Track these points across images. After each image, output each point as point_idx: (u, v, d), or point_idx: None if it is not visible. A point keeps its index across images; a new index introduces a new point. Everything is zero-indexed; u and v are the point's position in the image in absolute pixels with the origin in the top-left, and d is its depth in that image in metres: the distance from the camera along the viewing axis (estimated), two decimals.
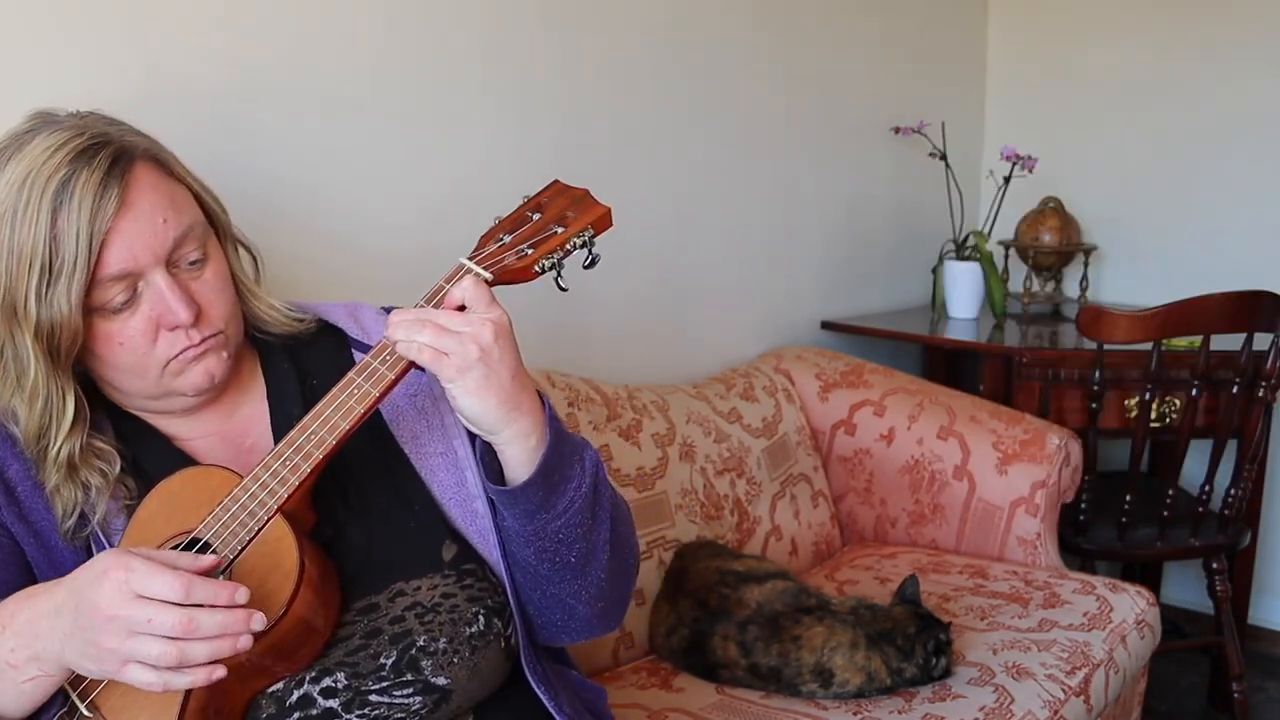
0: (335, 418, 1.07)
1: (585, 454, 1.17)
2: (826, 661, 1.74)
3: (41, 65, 1.44)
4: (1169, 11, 3.07)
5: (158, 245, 1.08)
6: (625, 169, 2.29)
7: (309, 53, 1.72)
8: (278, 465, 1.06)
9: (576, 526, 1.14)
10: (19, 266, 1.03)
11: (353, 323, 1.27)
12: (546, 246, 1.12)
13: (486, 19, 1.98)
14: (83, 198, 1.03)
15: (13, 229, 1.03)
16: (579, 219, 1.14)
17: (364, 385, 1.08)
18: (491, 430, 1.09)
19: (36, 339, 1.04)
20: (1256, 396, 2.43)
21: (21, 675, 0.98)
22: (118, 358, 1.09)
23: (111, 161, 1.05)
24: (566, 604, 1.19)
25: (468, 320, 1.06)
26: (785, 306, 2.76)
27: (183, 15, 1.56)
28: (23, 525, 1.09)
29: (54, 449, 1.07)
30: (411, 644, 1.09)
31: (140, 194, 1.07)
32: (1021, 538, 2.30)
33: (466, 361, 1.05)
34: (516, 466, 1.11)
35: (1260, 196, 2.98)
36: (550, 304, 2.08)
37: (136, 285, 1.08)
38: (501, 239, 1.13)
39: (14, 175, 1.05)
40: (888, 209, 3.04)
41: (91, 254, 1.03)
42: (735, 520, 2.21)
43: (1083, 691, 1.86)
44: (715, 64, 2.46)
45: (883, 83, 2.95)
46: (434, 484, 1.20)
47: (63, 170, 1.03)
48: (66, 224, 1.03)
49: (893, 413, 2.43)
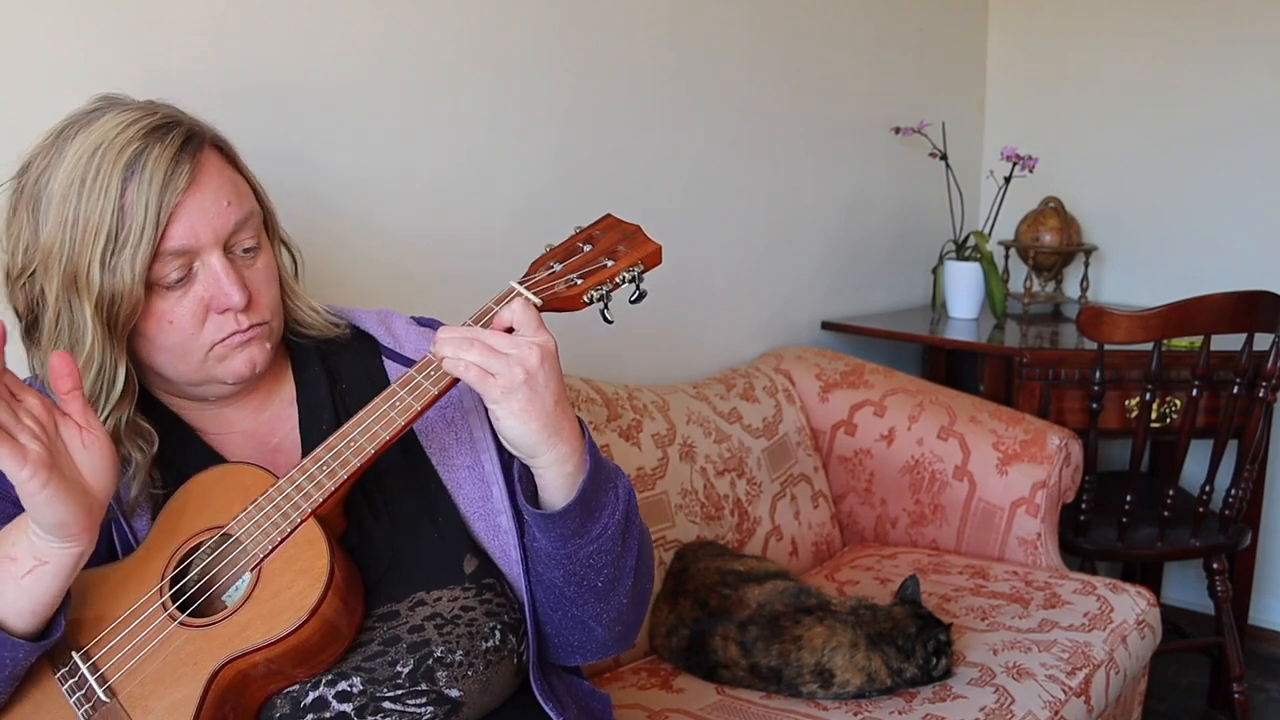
0: (376, 427, 1.08)
1: (619, 482, 1.18)
2: (827, 662, 1.74)
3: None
4: (1169, 12, 3.07)
5: (220, 226, 1.09)
6: (626, 169, 2.29)
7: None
8: (315, 469, 1.07)
9: (608, 553, 1.16)
10: (84, 235, 1.05)
11: (384, 330, 1.28)
12: (596, 278, 1.14)
13: (486, 19, 1.98)
14: (154, 171, 1.05)
15: (80, 197, 1.05)
16: (630, 254, 1.16)
17: (406, 398, 1.09)
18: (531, 454, 1.10)
19: (96, 308, 1.06)
20: (1257, 397, 2.43)
21: (17, 568, 0.97)
22: (165, 337, 1.10)
23: (183, 141, 1.08)
24: (587, 625, 1.20)
25: (515, 343, 1.07)
26: (785, 306, 2.76)
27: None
28: None
29: (103, 416, 1.08)
30: (429, 654, 1.10)
31: (208, 175, 1.09)
32: (1022, 538, 2.30)
33: (512, 383, 1.05)
34: (552, 490, 1.12)
35: (1260, 196, 2.98)
36: None
37: (192, 264, 1.10)
38: (552, 266, 1.15)
39: (84, 146, 1.06)
40: (888, 209, 3.04)
41: (159, 226, 1.05)
42: (735, 520, 2.21)
43: (1083, 692, 1.86)
44: (716, 64, 2.46)
45: (883, 83, 2.95)
46: (459, 497, 1.20)
47: (135, 144, 1.06)
48: (136, 195, 1.05)
49: (893, 413, 2.43)
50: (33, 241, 1.08)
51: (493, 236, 2.02)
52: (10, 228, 1.11)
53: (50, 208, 1.07)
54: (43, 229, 1.07)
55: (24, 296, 1.11)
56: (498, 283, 1.16)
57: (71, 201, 1.05)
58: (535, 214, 2.09)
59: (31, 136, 1.42)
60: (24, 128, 1.42)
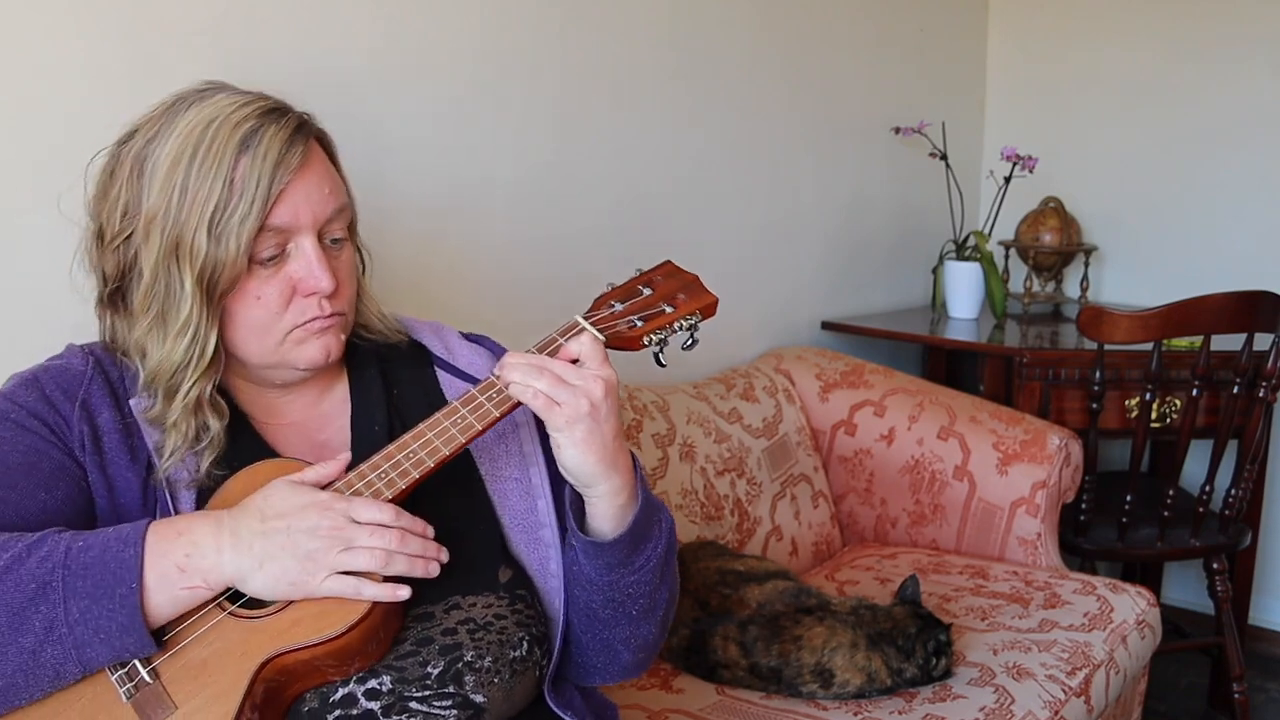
0: (437, 442, 1.10)
1: (663, 515, 1.22)
2: (827, 662, 1.74)
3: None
4: (1169, 12, 3.07)
5: (319, 211, 1.13)
6: (626, 168, 2.29)
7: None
8: (373, 476, 1.09)
9: (647, 583, 1.19)
10: (193, 203, 1.07)
11: (438, 341, 1.30)
12: (655, 323, 1.19)
13: (486, 21, 1.98)
14: (269, 147, 1.09)
15: (192, 166, 1.07)
16: (688, 303, 1.22)
17: (469, 417, 1.12)
18: (587, 483, 1.13)
19: (198, 277, 1.08)
20: (1257, 397, 2.43)
21: (185, 581, 1.00)
22: (250, 314, 1.12)
23: (297, 125, 1.12)
24: (614, 648, 1.23)
25: (582, 375, 1.10)
26: (785, 306, 2.76)
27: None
28: (100, 476, 1.11)
29: (187, 385, 1.10)
30: (459, 658, 1.10)
31: (315, 161, 1.14)
32: (1022, 538, 2.30)
33: (577, 414, 1.09)
34: (601, 519, 1.15)
35: (1260, 196, 2.98)
36: (550, 304, 2.08)
37: (286, 245, 1.12)
38: (613, 305, 1.19)
39: (198, 118, 1.09)
40: (888, 209, 3.04)
41: (269, 201, 1.08)
42: (736, 520, 2.21)
43: (1083, 692, 1.86)
44: (716, 64, 2.46)
45: (883, 83, 2.95)
46: (504, 508, 1.22)
47: (252, 121, 1.09)
48: (249, 168, 1.08)
49: (893, 413, 2.43)
50: (134, 206, 1.10)
51: (491, 238, 2.02)
52: (108, 192, 1.13)
53: (157, 174, 1.09)
54: (147, 194, 1.09)
55: (115, 260, 1.13)
56: (492, 286, 1.16)
57: (181, 169, 1.07)
58: (536, 212, 2.09)
59: (31, 136, 1.43)
60: (24, 127, 1.43)
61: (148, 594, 0.99)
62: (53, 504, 1.08)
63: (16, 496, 1.06)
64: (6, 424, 1.09)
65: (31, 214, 1.43)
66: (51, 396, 1.11)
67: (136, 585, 0.98)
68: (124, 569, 0.99)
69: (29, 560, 0.99)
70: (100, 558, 0.99)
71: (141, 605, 0.99)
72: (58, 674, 0.99)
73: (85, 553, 0.99)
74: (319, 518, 1.02)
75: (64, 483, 1.09)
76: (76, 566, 0.99)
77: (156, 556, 1.00)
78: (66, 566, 0.99)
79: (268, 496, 1.04)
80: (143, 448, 1.12)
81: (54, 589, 0.98)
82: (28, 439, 1.09)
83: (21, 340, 1.43)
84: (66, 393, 1.12)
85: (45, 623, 0.98)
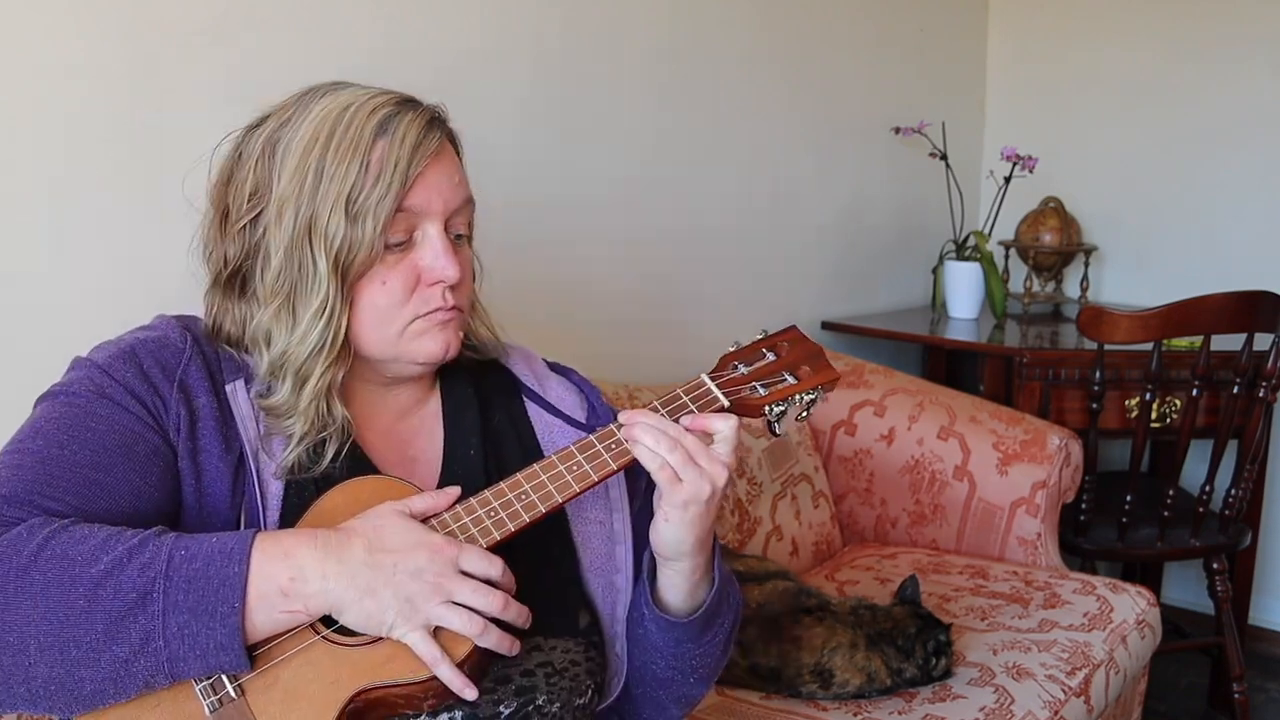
0: (551, 487, 1.07)
1: (733, 590, 1.21)
2: (826, 662, 1.74)
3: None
4: (1169, 12, 3.07)
5: (450, 199, 1.12)
6: (625, 168, 2.29)
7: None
8: (483, 513, 1.06)
9: (710, 655, 1.19)
10: (329, 185, 1.06)
11: (528, 370, 1.27)
12: (779, 393, 1.16)
13: (485, 23, 1.98)
14: (407, 131, 1.08)
15: (328, 148, 1.07)
16: (813, 376, 1.18)
17: (585, 465, 1.09)
18: (671, 559, 1.12)
19: (333, 259, 1.06)
20: (1257, 397, 2.43)
21: (286, 605, 0.97)
22: (375, 298, 1.10)
23: (432, 116, 1.12)
24: (664, 705, 1.22)
25: (711, 458, 1.08)
26: (785, 307, 2.76)
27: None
28: (190, 462, 1.07)
29: (320, 370, 1.08)
30: (531, 700, 1.09)
31: (447, 152, 1.13)
32: (1022, 538, 2.30)
33: (697, 497, 1.07)
34: (671, 592, 1.14)
35: (1260, 196, 2.98)
36: (549, 304, 2.08)
37: (414, 232, 1.10)
38: (738, 367, 1.17)
39: (334, 104, 1.09)
40: (888, 209, 3.04)
41: (406, 183, 1.07)
42: (736, 520, 2.21)
43: (1083, 692, 1.86)
44: (716, 64, 2.46)
45: (883, 83, 2.95)
46: (585, 550, 1.20)
47: (388, 108, 1.09)
48: (387, 151, 1.07)
49: (893, 413, 2.43)
50: (265, 187, 1.09)
51: (490, 239, 2.02)
52: (234, 176, 1.11)
53: (290, 156, 1.08)
54: (280, 175, 1.08)
55: (240, 243, 1.11)
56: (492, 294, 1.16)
57: (317, 151, 1.07)
58: (535, 211, 2.09)
59: (32, 135, 1.43)
60: (24, 127, 1.43)
61: (248, 613, 0.96)
62: (146, 489, 1.04)
63: (112, 480, 1.02)
64: (104, 401, 1.05)
65: (32, 213, 1.44)
66: (150, 374, 1.07)
67: (239, 605, 0.95)
68: (228, 587, 0.95)
69: (130, 566, 0.95)
70: (204, 571, 0.95)
71: (241, 624, 0.96)
72: (147, 684, 0.96)
73: (189, 563, 0.96)
74: (428, 561, 0.99)
75: (158, 468, 1.05)
76: (179, 578, 0.95)
77: (261, 577, 0.96)
78: (168, 577, 0.95)
79: (378, 527, 1.00)
80: (236, 437, 1.08)
81: (154, 600, 0.94)
82: (125, 419, 1.04)
83: (21, 341, 1.43)
84: (165, 371, 1.08)
85: (142, 634, 0.94)
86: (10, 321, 1.44)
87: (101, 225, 1.50)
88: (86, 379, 1.06)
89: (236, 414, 1.09)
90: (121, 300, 1.45)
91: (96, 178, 1.49)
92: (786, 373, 1.17)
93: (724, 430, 1.10)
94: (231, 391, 1.10)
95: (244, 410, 1.09)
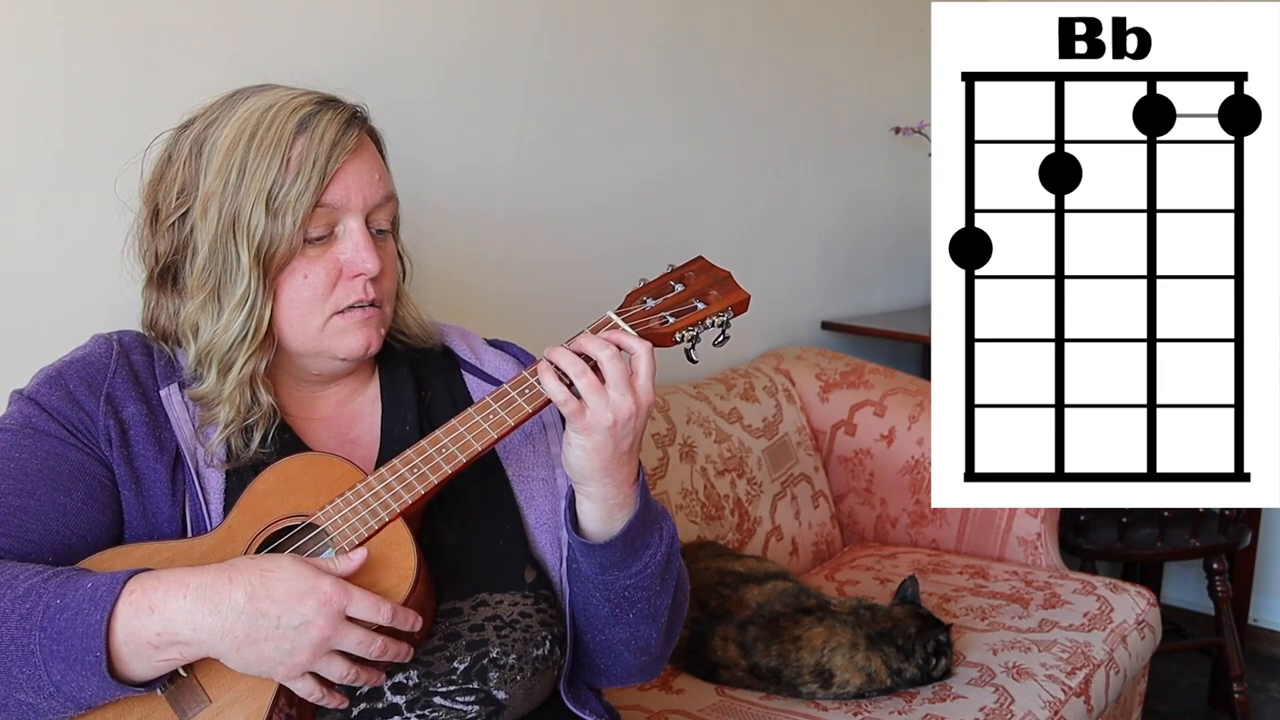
0: (469, 437, 1.11)
1: (664, 524, 1.22)
2: (826, 662, 1.74)
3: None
4: None
5: (370, 195, 1.16)
6: (624, 168, 2.28)
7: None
8: (405, 470, 1.10)
9: (645, 589, 1.19)
10: (251, 181, 1.10)
11: (465, 346, 1.32)
12: (688, 319, 1.18)
13: (484, 23, 1.98)
14: (326, 129, 1.13)
15: (250, 146, 1.11)
16: (721, 300, 1.21)
17: (500, 412, 1.12)
18: (579, 480, 1.15)
19: (254, 252, 1.10)
20: None
21: (160, 655, 0.99)
22: (297, 293, 1.14)
23: (351, 115, 1.17)
24: (616, 649, 1.23)
25: (620, 387, 1.10)
26: (785, 306, 2.76)
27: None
28: (127, 469, 1.11)
29: (242, 360, 1.12)
30: (485, 654, 1.12)
31: (367, 149, 1.18)
32: (1022, 538, 2.30)
33: (598, 424, 1.10)
34: (589, 520, 1.16)
35: None
36: (549, 303, 2.08)
37: (335, 227, 1.15)
38: (645, 301, 1.19)
39: (258, 104, 1.14)
40: (888, 209, 3.03)
41: (324, 179, 1.12)
42: (736, 521, 2.21)
43: (1083, 692, 1.86)
44: (715, 64, 2.46)
45: (883, 83, 2.95)
46: (530, 508, 1.24)
47: (309, 107, 1.14)
48: (306, 148, 1.11)
49: (893, 413, 2.43)
50: (192, 185, 1.13)
51: (487, 239, 2.02)
52: (165, 175, 1.16)
53: (215, 155, 1.12)
54: (205, 173, 1.12)
55: (170, 239, 1.15)
56: (491, 294, 1.16)
57: (240, 150, 1.11)
58: (534, 211, 2.09)
59: (32, 135, 1.43)
60: (24, 127, 1.43)
61: (122, 664, 0.98)
62: (72, 506, 1.08)
63: (36, 505, 1.07)
64: (27, 432, 1.10)
65: (32, 213, 1.43)
66: (75, 393, 1.12)
67: (102, 655, 0.96)
68: (90, 637, 0.97)
69: (11, 619, 0.98)
70: (71, 623, 0.97)
71: (113, 671, 0.97)
72: (65, 714, 1.00)
73: (60, 614, 0.97)
74: (315, 612, 0.99)
75: (83, 483, 1.09)
76: (52, 630, 0.97)
77: (127, 633, 0.97)
78: (43, 629, 0.97)
79: (265, 571, 1.00)
80: (170, 439, 1.13)
81: (34, 654, 0.97)
82: (46, 444, 1.10)
83: (20, 343, 1.43)
84: (91, 387, 1.13)
85: (33, 684, 0.97)
86: (10, 322, 1.44)
87: (99, 227, 1.50)
88: (16, 413, 1.12)
89: (171, 416, 1.14)
90: (122, 301, 1.44)
91: (92, 181, 1.49)
92: (696, 300, 1.20)
93: (641, 361, 1.12)
94: (166, 396, 1.15)
95: (179, 413, 1.14)
